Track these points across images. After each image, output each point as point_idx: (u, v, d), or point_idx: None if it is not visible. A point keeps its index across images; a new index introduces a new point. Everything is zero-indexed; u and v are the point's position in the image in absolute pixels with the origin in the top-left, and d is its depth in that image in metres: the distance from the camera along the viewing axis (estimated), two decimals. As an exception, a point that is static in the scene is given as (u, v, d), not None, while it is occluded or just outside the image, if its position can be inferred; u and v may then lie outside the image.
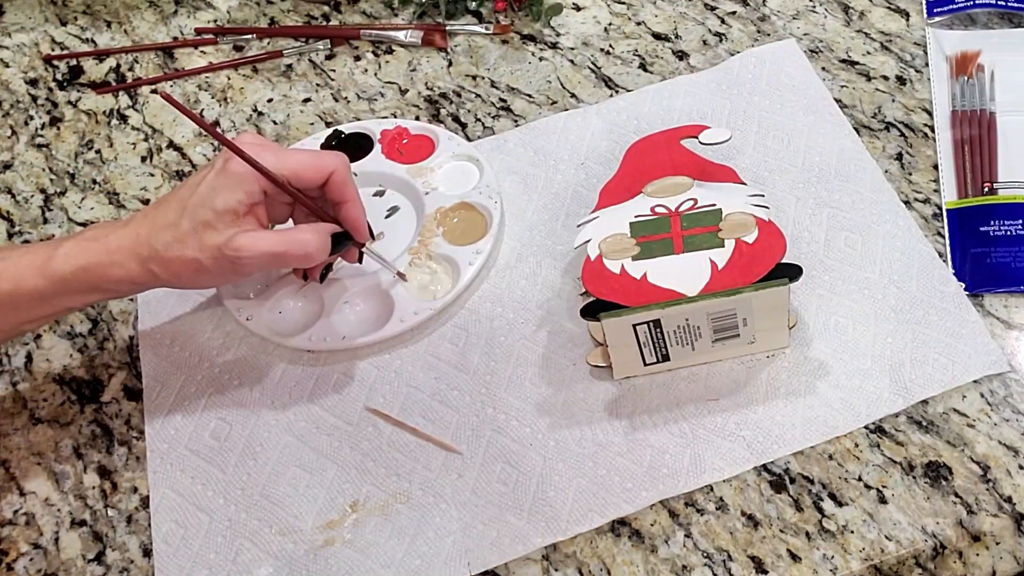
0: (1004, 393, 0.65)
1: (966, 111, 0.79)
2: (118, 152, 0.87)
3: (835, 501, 0.62)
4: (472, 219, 0.76)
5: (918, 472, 0.63)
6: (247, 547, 0.64)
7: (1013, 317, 0.68)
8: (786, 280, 0.62)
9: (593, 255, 0.65)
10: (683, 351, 0.66)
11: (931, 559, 0.60)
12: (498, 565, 0.62)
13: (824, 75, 0.83)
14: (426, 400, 0.69)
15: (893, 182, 0.76)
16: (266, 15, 0.96)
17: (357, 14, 0.95)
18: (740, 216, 0.65)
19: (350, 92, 0.88)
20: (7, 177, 0.86)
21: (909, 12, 0.87)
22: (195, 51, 0.94)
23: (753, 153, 0.79)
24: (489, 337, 0.71)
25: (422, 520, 0.64)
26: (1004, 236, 0.71)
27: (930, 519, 0.61)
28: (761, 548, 0.61)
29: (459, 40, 0.91)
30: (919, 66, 0.83)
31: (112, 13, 0.98)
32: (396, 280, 0.73)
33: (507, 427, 0.67)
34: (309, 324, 0.72)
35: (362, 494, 0.65)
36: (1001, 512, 0.61)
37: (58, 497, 0.67)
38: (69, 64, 0.94)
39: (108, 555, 0.65)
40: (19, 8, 0.99)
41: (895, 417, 0.65)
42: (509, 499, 0.64)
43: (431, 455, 0.66)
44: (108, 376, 0.73)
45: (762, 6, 0.89)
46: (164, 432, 0.69)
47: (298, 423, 0.68)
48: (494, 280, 0.74)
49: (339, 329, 0.71)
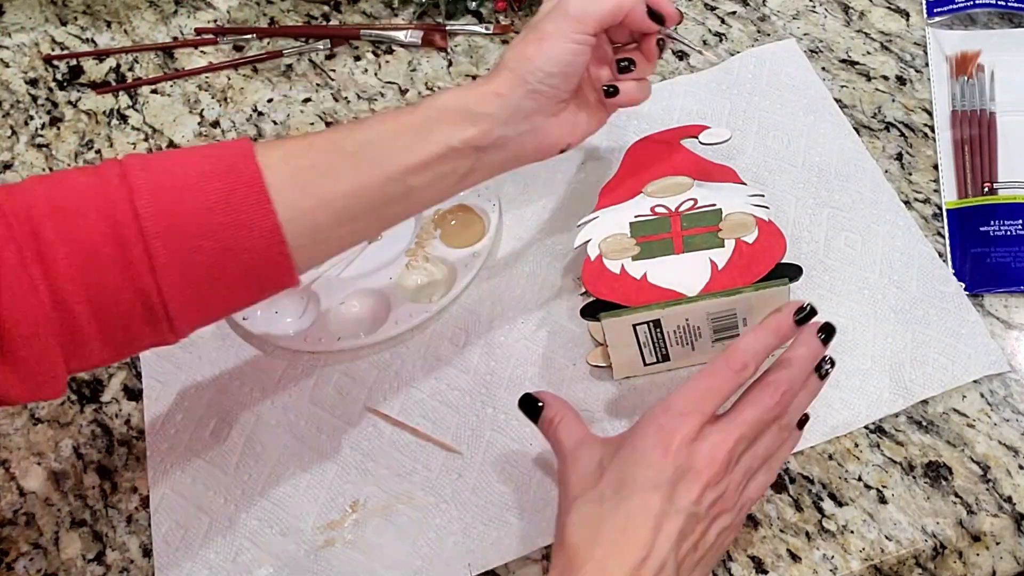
0: (1004, 393, 0.65)
1: (966, 111, 0.79)
2: (118, 152, 0.87)
3: (835, 501, 0.62)
4: (469, 221, 0.76)
5: (918, 472, 0.63)
6: (247, 547, 0.64)
7: (1013, 317, 0.69)
8: (786, 280, 0.62)
9: (593, 255, 0.65)
10: (683, 351, 0.66)
11: (931, 559, 0.60)
12: (499, 565, 0.62)
13: (824, 75, 0.83)
14: (426, 400, 0.69)
15: (893, 182, 0.76)
16: (266, 15, 0.96)
17: (357, 14, 0.95)
18: (740, 216, 0.65)
19: (350, 92, 0.88)
20: (7, 177, 0.86)
21: (909, 12, 0.87)
22: (195, 51, 0.94)
23: (753, 153, 0.79)
24: (489, 337, 0.71)
25: (423, 520, 0.64)
26: (1004, 236, 0.71)
27: (930, 519, 0.61)
28: (761, 548, 0.61)
29: (459, 40, 0.91)
30: (919, 66, 0.83)
31: (112, 13, 0.98)
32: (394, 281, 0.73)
33: (507, 427, 0.67)
34: (306, 324, 0.72)
35: (363, 494, 0.65)
36: (1001, 512, 0.61)
37: (58, 497, 0.67)
38: (69, 64, 0.94)
39: (108, 555, 0.65)
40: (19, 8, 0.99)
41: (895, 417, 0.65)
42: (510, 499, 0.64)
43: (431, 455, 0.66)
44: (108, 376, 0.73)
45: (762, 6, 0.89)
46: (164, 433, 0.69)
47: (298, 423, 0.68)
48: (494, 280, 0.74)
49: (335, 330, 0.71)
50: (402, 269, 0.74)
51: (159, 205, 0.52)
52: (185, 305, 0.54)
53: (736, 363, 0.55)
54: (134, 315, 0.53)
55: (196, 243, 0.53)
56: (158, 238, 0.52)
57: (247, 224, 0.54)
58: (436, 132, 0.59)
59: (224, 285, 0.55)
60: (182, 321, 0.54)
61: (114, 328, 0.53)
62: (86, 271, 0.51)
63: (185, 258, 0.53)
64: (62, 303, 0.51)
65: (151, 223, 0.52)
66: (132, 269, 0.52)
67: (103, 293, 0.52)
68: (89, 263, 0.51)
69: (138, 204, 0.52)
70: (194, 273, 0.53)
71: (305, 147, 0.57)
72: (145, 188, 0.52)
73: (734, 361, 0.55)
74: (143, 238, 0.52)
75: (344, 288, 0.73)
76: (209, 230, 0.53)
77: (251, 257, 0.54)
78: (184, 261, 0.53)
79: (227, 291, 0.55)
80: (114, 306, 0.52)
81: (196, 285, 0.53)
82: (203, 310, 0.55)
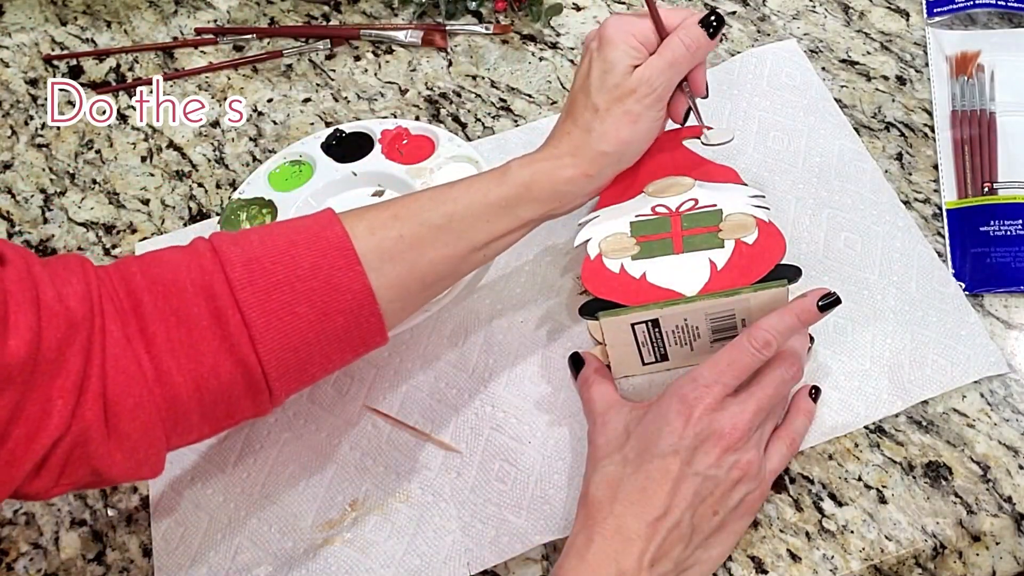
0: (1004, 393, 0.65)
1: (966, 111, 0.79)
2: (118, 152, 0.87)
3: (835, 501, 0.62)
4: None
5: (918, 472, 0.63)
6: (246, 546, 0.64)
7: (1013, 317, 0.68)
8: (785, 281, 0.62)
9: (593, 254, 0.65)
10: (682, 351, 0.66)
11: (931, 559, 0.60)
12: (497, 564, 0.62)
13: (824, 75, 0.83)
14: (425, 399, 0.69)
15: (893, 182, 0.76)
16: (266, 15, 0.96)
17: (357, 14, 0.95)
18: (740, 217, 0.65)
19: (350, 92, 0.88)
20: (7, 177, 0.86)
21: (909, 12, 0.87)
22: (195, 51, 0.94)
23: (753, 153, 0.79)
24: (488, 336, 0.71)
25: (421, 519, 0.64)
26: (1004, 236, 0.71)
27: (930, 519, 0.61)
28: (761, 548, 0.61)
29: (459, 40, 0.91)
30: (919, 66, 0.83)
31: (112, 13, 0.98)
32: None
33: (506, 425, 0.67)
34: None
35: (361, 493, 0.65)
36: (1001, 512, 0.61)
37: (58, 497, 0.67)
38: (69, 64, 0.94)
39: (108, 555, 0.65)
40: (19, 8, 1.00)
41: (895, 417, 0.65)
42: (508, 497, 0.64)
43: (430, 454, 0.66)
44: (108, 375, 0.73)
45: (762, 6, 0.89)
46: (163, 431, 0.69)
47: (297, 422, 0.68)
48: (494, 279, 0.74)
49: None
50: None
51: (252, 275, 0.53)
52: (285, 373, 0.55)
53: (758, 341, 0.59)
54: (235, 387, 0.54)
55: (292, 310, 0.54)
56: (254, 308, 0.53)
57: (340, 287, 0.55)
58: (522, 208, 0.62)
59: (320, 349, 0.56)
60: (281, 389, 0.55)
61: (215, 402, 0.54)
62: (187, 345, 0.52)
63: (282, 326, 0.54)
64: (165, 375, 0.52)
65: (246, 293, 0.53)
66: (231, 340, 0.53)
67: (203, 367, 0.52)
68: (189, 338, 0.52)
69: (231, 275, 0.53)
70: (292, 340, 0.54)
71: (390, 218, 0.59)
72: (238, 260, 0.54)
73: (757, 339, 0.59)
74: (239, 309, 0.53)
75: None
76: (303, 296, 0.54)
77: (345, 320, 0.56)
78: (281, 329, 0.54)
79: (322, 355, 0.56)
80: (215, 379, 0.53)
81: (294, 351, 0.54)
82: (301, 375, 0.56)
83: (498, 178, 0.62)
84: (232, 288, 0.53)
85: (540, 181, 0.62)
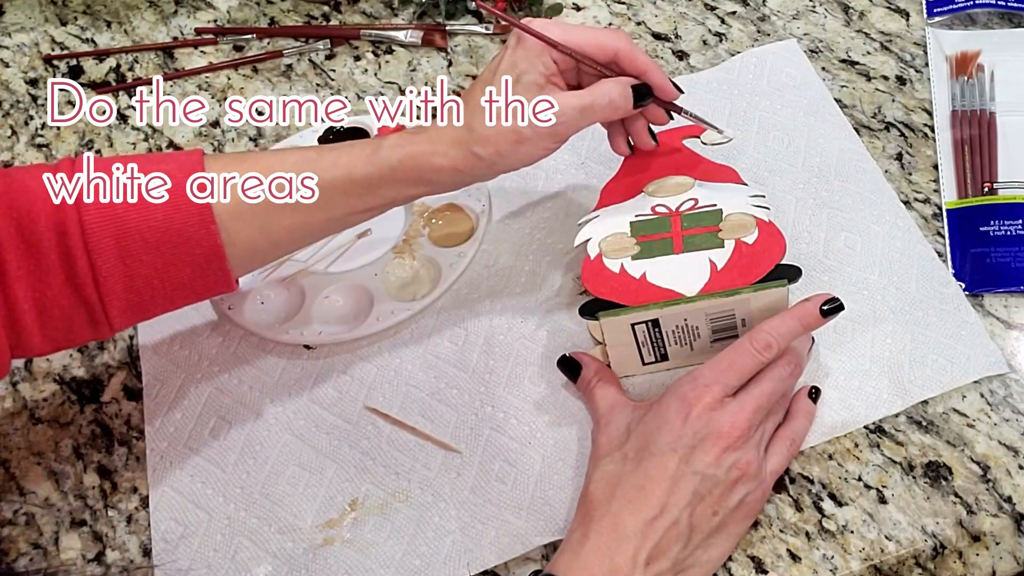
0: (1004, 393, 0.65)
1: (966, 111, 0.79)
2: (118, 152, 0.87)
3: (835, 501, 0.62)
4: (459, 221, 0.76)
5: (918, 472, 0.63)
6: (246, 545, 0.64)
7: (1013, 317, 0.68)
8: (785, 281, 0.62)
9: (593, 254, 0.65)
10: (682, 351, 0.66)
11: (931, 559, 0.60)
12: (497, 564, 0.62)
13: (824, 75, 0.83)
14: (425, 399, 0.69)
15: (893, 182, 0.76)
16: (266, 15, 0.96)
17: (357, 14, 0.95)
18: (740, 217, 0.65)
19: (350, 92, 0.88)
20: (7, 177, 0.86)
21: (909, 12, 0.87)
22: (195, 51, 0.94)
23: (753, 153, 0.79)
24: (488, 336, 0.71)
25: (421, 519, 0.64)
26: (1004, 236, 0.71)
27: (930, 519, 0.61)
28: (761, 548, 0.61)
29: (459, 40, 0.91)
30: (919, 66, 0.83)
31: (112, 13, 0.98)
32: (379, 278, 0.73)
33: (506, 425, 0.67)
34: (291, 315, 0.72)
35: (361, 493, 0.65)
36: (1001, 512, 0.61)
37: (58, 497, 0.67)
38: (69, 64, 0.94)
39: (108, 555, 0.65)
40: (19, 8, 0.99)
41: (895, 417, 0.65)
42: (508, 498, 0.64)
43: (430, 454, 0.66)
44: (108, 376, 0.73)
45: (762, 6, 0.89)
46: (164, 431, 0.69)
47: (297, 421, 0.68)
48: (494, 279, 0.74)
49: (316, 324, 0.71)
50: (388, 266, 0.74)
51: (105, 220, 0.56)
52: (125, 310, 0.58)
53: (760, 343, 0.59)
54: (76, 317, 0.58)
55: (139, 258, 0.57)
56: (101, 254, 0.56)
57: (190, 242, 0.58)
58: (387, 189, 0.62)
59: (164, 293, 0.59)
60: (121, 323, 0.59)
61: (56, 327, 0.58)
62: (34, 275, 0.56)
63: (128, 271, 0.57)
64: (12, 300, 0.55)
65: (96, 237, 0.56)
66: (77, 280, 0.56)
67: (46, 297, 0.56)
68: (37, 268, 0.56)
69: (85, 218, 0.56)
70: (136, 283, 0.58)
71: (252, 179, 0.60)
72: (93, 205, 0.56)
73: (758, 341, 0.59)
74: (87, 251, 0.56)
75: (329, 282, 0.74)
76: (152, 246, 0.57)
77: (192, 271, 0.59)
78: (126, 274, 0.57)
79: (165, 299, 0.60)
80: (57, 308, 0.57)
81: (138, 292, 0.58)
82: (141, 313, 0.60)
83: (368, 155, 0.61)
84: (83, 229, 0.56)
85: (409, 166, 0.61)
